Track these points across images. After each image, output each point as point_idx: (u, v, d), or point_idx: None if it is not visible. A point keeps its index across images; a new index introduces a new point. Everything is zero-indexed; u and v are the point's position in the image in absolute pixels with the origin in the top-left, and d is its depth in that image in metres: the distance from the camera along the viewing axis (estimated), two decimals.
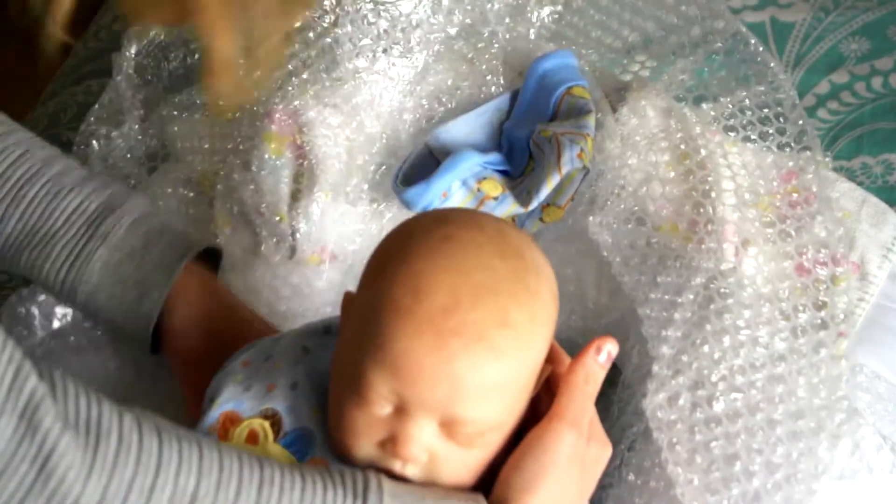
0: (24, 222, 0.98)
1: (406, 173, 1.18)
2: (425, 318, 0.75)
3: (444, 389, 0.75)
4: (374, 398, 0.77)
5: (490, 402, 0.77)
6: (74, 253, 0.98)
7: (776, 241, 1.01)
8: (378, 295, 0.78)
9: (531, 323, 0.78)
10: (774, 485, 0.88)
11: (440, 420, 0.77)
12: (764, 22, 1.42)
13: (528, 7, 1.29)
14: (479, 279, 0.77)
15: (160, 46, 1.31)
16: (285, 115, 1.18)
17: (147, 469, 0.70)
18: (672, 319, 0.95)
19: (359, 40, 1.19)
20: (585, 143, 1.09)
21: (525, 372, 0.80)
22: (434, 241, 0.80)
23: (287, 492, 0.74)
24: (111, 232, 0.99)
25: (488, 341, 0.75)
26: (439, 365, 0.75)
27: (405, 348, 0.75)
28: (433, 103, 1.27)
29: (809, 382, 0.93)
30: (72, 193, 0.99)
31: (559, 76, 1.19)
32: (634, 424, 0.99)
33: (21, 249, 0.98)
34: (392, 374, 0.76)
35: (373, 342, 0.77)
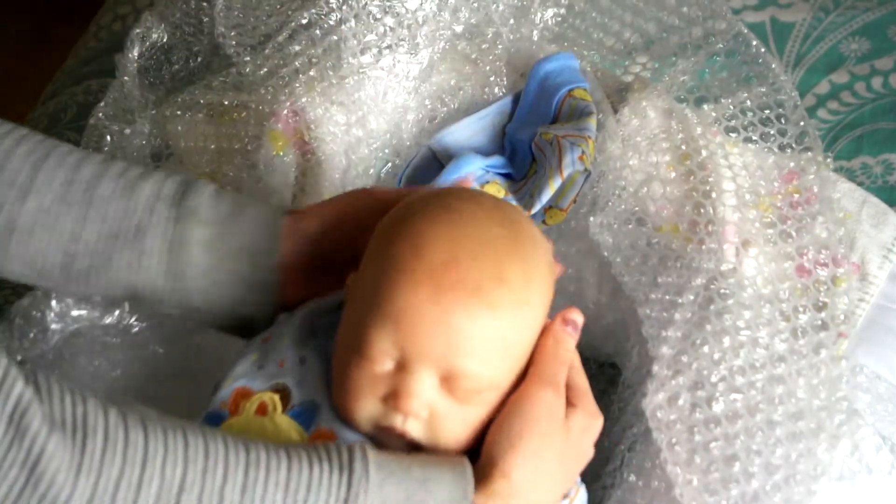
0: (109, 222, 0.94)
1: (409, 176, 1.19)
2: (425, 273, 0.79)
3: (443, 341, 0.79)
4: (377, 354, 0.80)
5: (487, 357, 0.80)
6: (170, 236, 0.94)
7: (777, 242, 1.01)
8: (380, 258, 0.83)
9: (526, 283, 0.82)
10: (773, 486, 0.88)
11: (440, 374, 0.80)
12: (764, 22, 1.42)
13: (531, 8, 1.29)
14: (477, 240, 0.82)
15: (163, 49, 1.31)
16: (291, 114, 1.18)
17: (134, 463, 0.71)
18: (672, 320, 0.95)
19: (364, 36, 1.19)
20: (587, 145, 1.09)
21: (521, 332, 0.83)
22: (434, 210, 0.85)
23: (273, 472, 0.74)
24: (198, 207, 0.95)
25: (485, 295, 0.79)
26: (438, 316, 0.78)
27: (405, 302, 0.79)
28: (436, 103, 1.27)
29: (809, 383, 0.93)
30: (146, 183, 0.95)
31: (561, 78, 1.19)
32: (634, 425, 0.99)
33: (114, 252, 0.95)
34: (393, 327, 0.79)
35: (375, 300, 0.81)
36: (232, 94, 1.24)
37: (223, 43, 1.24)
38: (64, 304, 1.06)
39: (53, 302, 1.05)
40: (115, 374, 1.06)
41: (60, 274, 0.94)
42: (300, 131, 1.20)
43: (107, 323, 1.08)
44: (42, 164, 0.93)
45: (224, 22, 1.24)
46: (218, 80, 1.24)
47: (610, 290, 1.10)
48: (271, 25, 1.24)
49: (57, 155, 0.94)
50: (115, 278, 0.95)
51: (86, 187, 0.93)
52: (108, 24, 1.65)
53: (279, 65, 1.21)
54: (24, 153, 0.93)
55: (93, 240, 0.93)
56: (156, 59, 1.31)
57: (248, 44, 1.24)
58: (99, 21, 1.68)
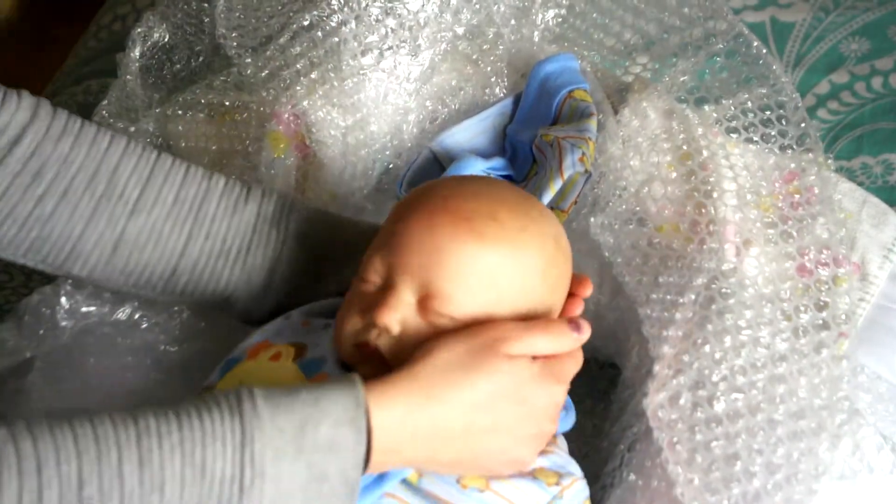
0: (213, 241, 1.00)
1: (410, 180, 1.19)
2: (425, 204, 0.87)
3: (425, 255, 0.84)
4: (369, 275, 0.87)
5: (466, 285, 0.84)
6: (274, 258, 1.02)
7: (777, 242, 1.01)
8: (393, 210, 0.90)
9: (521, 230, 0.86)
10: (775, 485, 0.88)
11: (418, 294, 0.84)
12: (764, 22, 1.42)
13: (533, 9, 1.29)
14: (482, 188, 0.90)
15: (164, 48, 1.31)
16: (291, 115, 1.18)
17: (30, 474, 0.71)
18: (673, 319, 0.95)
19: (365, 38, 1.19)
20: (587, 146, 1.09)
21: (508, 276, 0.85)
22: (447, 180, 0.96)
23: (165, 436, 0.74)
24: (300, 230, 1.03)
25: (473, 224, 0.85)
26: (424, 232, 0.85)
27: (400, 224, 0.87)
28: (437, 104, 1.27)
29: (811, 383, 0.93)
30: (249, 203, 1.02)
31: (561, 79, 1.19)
32: (634, 425, 0.99)
33: (217, 269, 1.01)
34: (387, 247, 0.87)
35: (382, 232, 0.89)
36: (233, 94, 1.25)
37: (224, 44, 1.24)
38: (74, 300, 1.06)
39: (63, 299, 1.06)
40: (124, 372, 1.07)
41: (162, 285, 1.00)
42: (301, 133, 1.20)
43: (116, 319, 1.08)
44: (148, 181, 0.98)
45: (225, 23, 1.24)
46: (219, 80, 1.24)
47: (610, 290, 1.11)
48: (272, 27, 1.24)
49: (162, 171, 0.99)
50: (213, 290, 1.01)
51: (192, 206, 0.99)
52: (108, 24, 1.65)
53: (280, 66, 1.21)
54: (130, 169, 0.98)
55: (196, 255, 0.99)
56: (157, 58, 1.31)
57: (249, 45, 1.24)
58: (99, 21, 1.68)
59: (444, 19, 1.23)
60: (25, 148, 0.94)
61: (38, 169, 0.94)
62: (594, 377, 1.15)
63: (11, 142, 0.94)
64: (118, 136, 0.99)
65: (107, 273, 0.99)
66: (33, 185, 0.94)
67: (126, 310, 1.09)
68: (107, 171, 0.97)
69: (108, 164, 0.97)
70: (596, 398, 1.14)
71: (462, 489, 0.84)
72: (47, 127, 0.95)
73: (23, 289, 1.30)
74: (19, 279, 1.38)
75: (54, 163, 0.95)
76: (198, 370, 1.07)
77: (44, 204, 0.95)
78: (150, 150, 1.00)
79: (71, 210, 0.96)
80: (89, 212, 0.96)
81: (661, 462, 0.91)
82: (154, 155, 1.00)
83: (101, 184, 0.96)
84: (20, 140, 0.94)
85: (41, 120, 0.95)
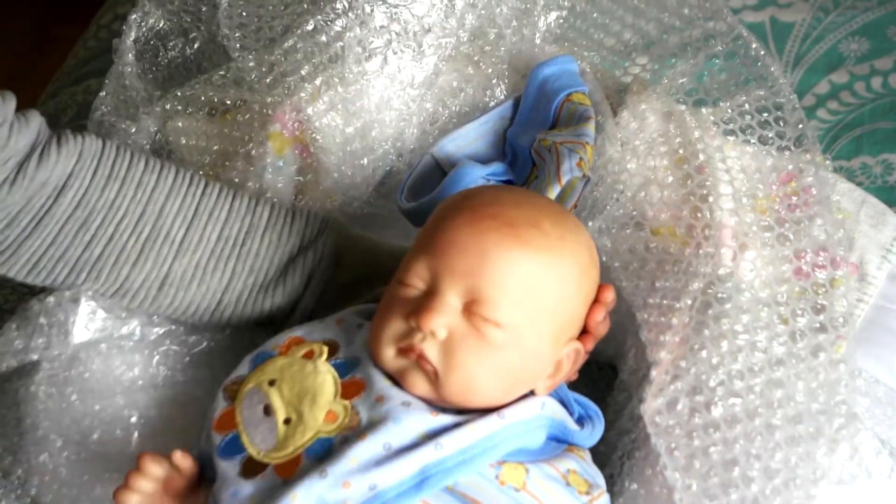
0: (256, 275, 1.05)
1: (411, 186, 1.19)
2: (468, 208, 0.90)
3: (471, 259, 0.86)
4: (412, 279, 0.88)
5: (510, 290, 0.86)
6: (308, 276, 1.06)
7: (774, 245, 1.00)
8: (433, 213, 0.93)
9: (561, 239, 0.88)
10: (773, 490, 0.88)
11: (464, 299, 0.86)
12: (763, 22, 1.42)
13: (535, 11, 1.29)
14: (523, 199, 0.92)
15: (159, 34, 1.31)
16: (293, 117, 1.18)
17: None
18: (670, 324, 0.95)
19: (369, 43, 1.19)
20: (584, 151, 1.09)
21: (550, 284, 0.88)
22: (484, 189, 0.99)
23: None
24: (334, 250, 1.06)
25: (518, 231, 0.87)
26: (471, 237, 0.87)
27: (444, 228, 0.89)
28: (437, 105, 1.27)
29: (808, 387, 0.93)
30: (291, 237, 1.06)
31: (559, 82, 1.18)
32: (632, 430, 0.99)
33: (260, 301, 1.05)
34: (431, 251, 0.88)
35: (422, 237, 0.91)
36: (233, 91, 1.24)
37: (227, 45, 1.24)
38: (91, 309, 1.06)
39: (80, 308, 1.06)
40: (131, 375, 1.07)
41: (208, 317, 1.05)
42: (302, 134, 1.20)
43: (123, 333, 1.09)
44: (193, 220, 1.02)
45: (227, 22, 1.24)
46: (218, 75, 1.24)
47: None
48: (276, 29, 1.24)
49: (206, 209, 1.03)
50: (256, 317, 1.06)
51: (235, 243, 1.04)
52: (108, 23, 1.65)
53: (284, 72, 1.21)
54: (175, 209, 1.02)
55: (240, 289, 1.04)
56: (152, 45, 1.31)
57: (252, 47, 1.24)
58: (99, 21, 1.68)
59: (448, 24, 1.23)
60: (71, 198, 0.98)
61: (85, 218, 0.99)
62: (594, 380, 1.15)
63: (56, 192, 0.98)
64: (164, 172, 1.02)
65: (154, 307, 1.04)
66: (81, 232, 0.99)
67: (135, 324, 1.09)
68: (153, 214, 1.01)
69: (153, 206, 1.01)
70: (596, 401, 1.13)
71: (500, 486, 0.85)
72: (93, 173, 0.99)
73: (22, 288, 1.30)
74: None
75: (101, 210, 0.99)
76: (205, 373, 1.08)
77: (91, 248, 0.99)
78: (195, 184, 1.04)
79: (118, 253, 1.00)
80: (136, 254, 1.00)
81: (660, 469, 0.91)
82: (199, 190, 1.03)
83: (147, 226, 1.01)
84: (65, 190, 0.98)
85: (86, 168, 0.99)
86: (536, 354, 0.89)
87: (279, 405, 0.88)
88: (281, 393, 0.89)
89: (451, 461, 0.84)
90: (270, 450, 0.86)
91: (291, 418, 0.88)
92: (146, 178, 1.01)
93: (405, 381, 0.87)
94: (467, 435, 0.85)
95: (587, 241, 0.93)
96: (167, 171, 1.03)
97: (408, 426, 0.85)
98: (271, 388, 0.90)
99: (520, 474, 0.86)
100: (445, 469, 0.83)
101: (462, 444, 0.84)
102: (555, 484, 0.87)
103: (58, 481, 0.99)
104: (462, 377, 0.86)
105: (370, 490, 0.82)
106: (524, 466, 0.87)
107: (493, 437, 0.86)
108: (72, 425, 1.01)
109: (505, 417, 0.87)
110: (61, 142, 0.98)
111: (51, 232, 0.98)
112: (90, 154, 0.99)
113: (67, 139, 0.99)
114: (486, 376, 0.86)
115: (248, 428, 0.89)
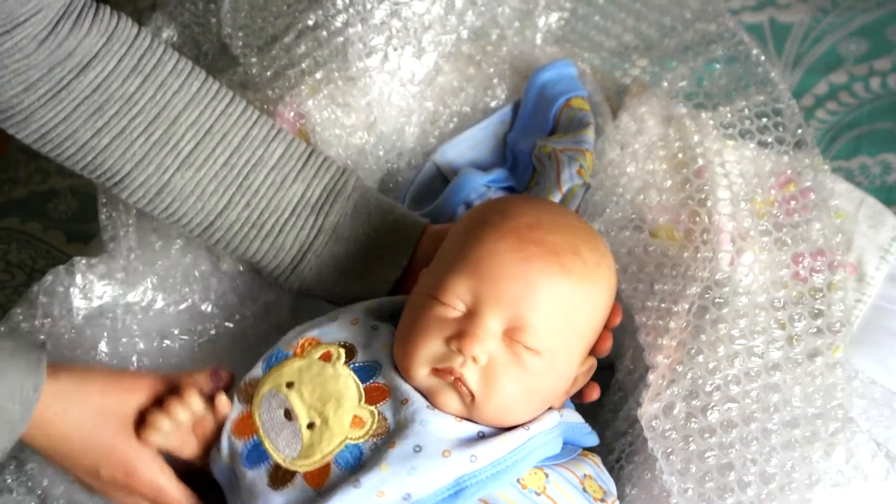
0: (251, 210, 1.03)
1: (413, 193, 1.19)
2: (510, 229, 0.88)
3: (517, 287, 0.86)
4: (451, 299, 0.87)
5: (551, 318, 0.86)
6: (306, 246, 1.04)
7: (772, 250, 1.01)
8: (467, 224, 0.92)
9: (597, 265, 0.89)
10: (769, 494, 0.88)
11: (506, 323, 0.86)
12: (762, 23, 1.42)
13: (536, 12, 1.29)
14: (558, 218, 0.92)
15: (173, 46, 1.32)
16: (296, 115, 1.19)
17: None
18: (668, 328, 0.96)
19: (370, 40, 1.19)
20: (584, 158, 1.09)
21: (586, 310, 0.89)
22: (516, 197, 1.02)
23: None
24: (338, 223, 1.04)
25: (561, 259, 0.87)
26: (517, 265, 0.86)
27: (488, 250, 0.87)
28: (438, 105, 1.27)
29: (805, 391, 0.93)
30: (295, 183, 1.04)
31: (558, 88, 1.19)
32: (628, 432, 1.00)
33: (250, 237, 1.03)
34: (472, 273, 0.87)
35: (459, 253, 0.89)
36: (238, 92, 1.25)
37: (230, 44, 1.24)
38: (87, 280, 1.07)
39: (78, 277, 1.06)
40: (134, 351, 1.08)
41: (198, 233, 1.04)
42: (305, 133, 1.20)
43: (129, 301, 1.09)
44: (204, 137, 1.01)
45: (231, 23, 1.25)
46: (224, 78, 1.25)
47: None
48: (278, 27, 1.24)
49: (221, 129, 1.01)
50: (241, 253, 1.05)
51: (239, 173, 1.02)
52: None
53: (285, 66, 1.22)
54: (190, 122, 1.00)
55: (233, 219, 1.03)
56: None
57: (255, 45, 1.24)
58: None
59: (448, 21, 1.23)
60: (92, 79, 0.97)
61: (101, 104, 0.98)
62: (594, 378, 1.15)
63: (79, 68, 0.97)
64: (190, 79, 1.01)
65: (149, 209, 1.03)
66: (94, 117, 0.98)
67: (139, 292, 1.10)
68: (167, 120, 1.00)
69: (169, 111, 1.00)
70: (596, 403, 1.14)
71: (521, 489, 0.86)
72: (118, 60, 0.98)
73: (23, 288, 1.31)
74: (21, 278, 1.38)
75: (117, 100, 0.98)
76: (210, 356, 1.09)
77: (101, 136, 0.99)
78: (217, 98, 1.02)
79: (125, 149, 0.99)
80: (141, 155, 1.00)
81: (659, 473, 0.92)
82: (220, 107, 1.02)
83: (158, 130, 1.00)
84: (87, 69, 0.97)
85: (112, 52, 0.98)
86: (567, 376, 0.91)
87: (301, 409, 0.88)
88: (301, 396, 0.89)
89: (484, 473, 0.84)
90: (296, 457, 0.86)
91: (315, 423, 0.87)
92: (170, 81, 1.00)
93: (436, 400, 0.87)
94: (499, 447, 0.86)
95: (612, 261, 0.94)
96: (193, 77, 1.02)
97: (435, 430, 0.85)
98: (290, 390, 0.89)
99: (540, 479, 0.87)
100: (480, 481, 0.84)
101: (495, 455, 0.85)
102: (572, 489, 0.88)
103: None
104: (499, 402, 0.86)
105: (405, 500, 0.83)
106: (543, 471, 0.88)
107: (522, 450, 0.87)
108: None
109: (530, 430, 0.88)
110: (97, 14, 0.97)
111: (65, 108, 0.97)
112: (120, 38, 0.98)
113: (104, 14, 0.98)
114: (521, 400, 0.87)
115: (270, 433, 0.88)
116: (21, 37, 0.93)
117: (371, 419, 0.87)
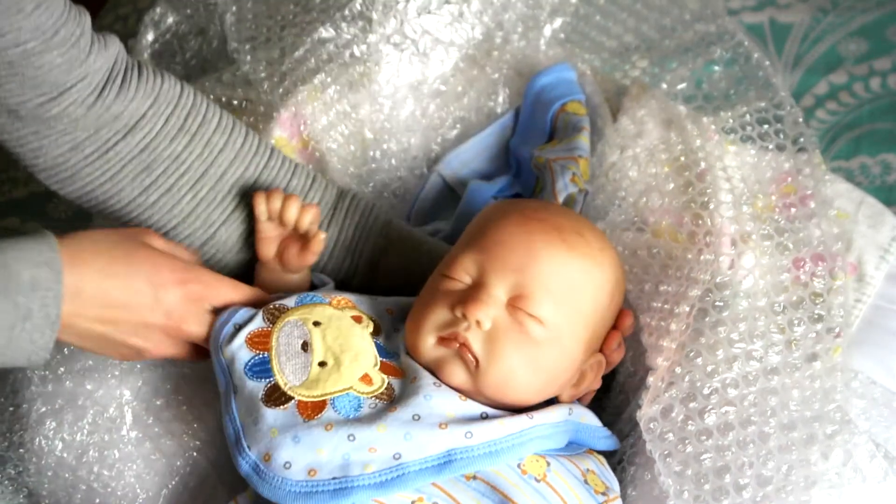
0: None
1: (420, 207, 1.19)
2: (517, 212, 0.94)
3: (520, 256, 0.90)
4: (458, 273, 0.92)
5: (554, 290, 0.90)
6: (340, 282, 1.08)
7: (773, 254, 1.01)
8: (477, 218, 0.97)
9: (601, 252, 0.93)
10: (765, 497, 0.89)
11: (510, 292, 0.90)
12: (762, 23, 1.42)
13: (541, 18, 1.30)
14: (565, 211, 0.98)
15: (176, 35, 1.32)
16: (298, 121, 1.19)
17: None
18: (669, 330, 0.96)
19: (377, 49, 1.20)
20: (577, 166, 1.09)
21: (589, 289, 0.92)
22: (527, 200, 1.05)
23: None
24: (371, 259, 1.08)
25: (564, 236, 0.91)
26: (520, 237, 0.91)
27: (495, 229, 0.93)
28: (441, 111, 1.28)
29: (803, 395, 0.93)
30: (331, 227, 1.07)
31: (555, 92, 1.19)
32: (629, 435, 1.00)
33: None
34: (479, 248, 0.92)
35: (467, 237, 0.95)
36: (241, 90, 1.25)
37: (238, 59, 1.25)
38: None
39: None
40: None
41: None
42: (306, 138, 1.20)
43: None
44: (248, 193, 1.03)
45: (236, 36, 1.25)
46: (228, 74, 1.25)
47: None
48: (286, 39, 1.25)
49: (265, 185, 1.04)
50: None
51: None
52: (109, 25, 1.64)
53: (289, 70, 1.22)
54: (236, 177, 1.03)
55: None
56: (169, 47, 1.32)
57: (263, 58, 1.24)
58: (100, 22, 1.67)
59: (457, 35, 1.24)
60: (140, 140, 0.99)
61: (149, 164, 0.99)
62: None
63: (126, 129, 0.98)
64: (234, 135, 1.03)
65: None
66: (141, 175, 0.99)
67: None
68: (213, 177, 1.02)
69: (216, 168, 1.02)
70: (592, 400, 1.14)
71: (521, 474, 0.88)
72: (165, 120, 0.99)
73: None
74: None
75: (165, 160, 1.00)
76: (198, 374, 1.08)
77: (148, 193, 1.00)
78: (260, 153, 1.04)
79: (172, 205, 1.01)
80: (188, 211, 1.02)
81: (657, 475, 0.92)
82: (263, 161, 1.04)
83: (205, 187, 1.02)
84: (134, 130, 0.98)
85: (159, 113, 0.99)
86: (571, 357, 0.92)
87: (319, 346, 0.91)
88: (324, 337, 0.91)
89: (477, 451, 0.86)
90: (298, 385, 0.88)
91: (328, 363, 0.90)
92: (215, 139, 1.02)
93: (442, 371, 0.90)
94: (497, 429, 0.87)
95: (619, 261, 0.97)
96: (237, 134, 1.03)
97: (437, 405, 0.87)
98: (315, 328, 0.92)
99: (541, 466, 0.89)
100: (471, 457, 0.86)
101: (491, 436, 0.87)
102: (574, 480, 0.90)
103: (52, 466, 1.00)
104: (502, 369, 0.89)
105: (394, 459, 0.84)
106: (545, 459, 0.90)
107: (521, 436, 0.88)
108: (65, 406, 1.02)
109: (534, 418, 0.89)
110: (142, 76, 0.98)
111: (112, 167, 0.98)
112: (167, 99, 0.99)
113: (148, 76, 0.99)
114: (524, 370, 0.89)
115: (281, 357, 0.90)
116: (68, 103, 0.94)
117: (380, 383, 0.90)
